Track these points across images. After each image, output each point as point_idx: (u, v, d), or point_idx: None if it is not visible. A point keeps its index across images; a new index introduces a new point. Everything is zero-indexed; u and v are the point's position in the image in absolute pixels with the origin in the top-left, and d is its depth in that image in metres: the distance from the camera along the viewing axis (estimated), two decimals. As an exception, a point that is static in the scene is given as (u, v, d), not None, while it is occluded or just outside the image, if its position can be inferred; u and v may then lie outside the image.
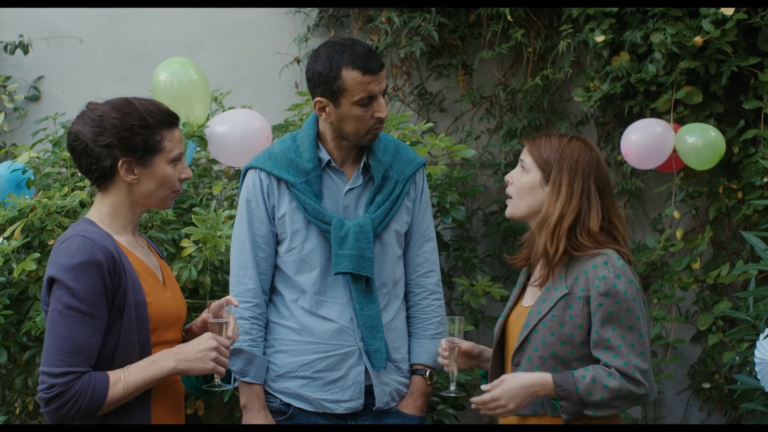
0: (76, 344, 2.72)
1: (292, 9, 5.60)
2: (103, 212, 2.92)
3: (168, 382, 2.90)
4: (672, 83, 4.95)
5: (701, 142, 4.84)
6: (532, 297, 3.16)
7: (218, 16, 5.65)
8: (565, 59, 5.19)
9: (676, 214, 5.15)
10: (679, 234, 5.23)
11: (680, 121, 5.02)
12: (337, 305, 3.50)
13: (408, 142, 4.73)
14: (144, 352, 2.84)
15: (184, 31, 5.64)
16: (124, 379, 2.76)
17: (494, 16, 5.28)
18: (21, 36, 5.60)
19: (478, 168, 5.45)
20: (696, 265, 5.15)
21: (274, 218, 3.51)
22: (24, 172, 4.45)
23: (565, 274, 3.05)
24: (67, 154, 4.33)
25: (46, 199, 4.13)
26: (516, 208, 3.16)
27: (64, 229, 3.98)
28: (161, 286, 2.95)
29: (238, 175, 4.87)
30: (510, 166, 5.43)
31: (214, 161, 4.90)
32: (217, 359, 2.84)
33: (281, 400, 3.52)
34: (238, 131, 4.53)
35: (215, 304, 2.96)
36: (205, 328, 3.01)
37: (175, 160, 2.94)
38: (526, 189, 3.12)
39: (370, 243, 3.45)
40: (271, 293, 3.57)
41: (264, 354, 3.52)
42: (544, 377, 2.97)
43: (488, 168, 5.46)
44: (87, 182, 4.27)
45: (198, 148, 4.62)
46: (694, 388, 5.32)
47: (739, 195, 5.05)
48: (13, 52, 5.59)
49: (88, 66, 5.67)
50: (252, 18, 5.65)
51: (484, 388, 3.01)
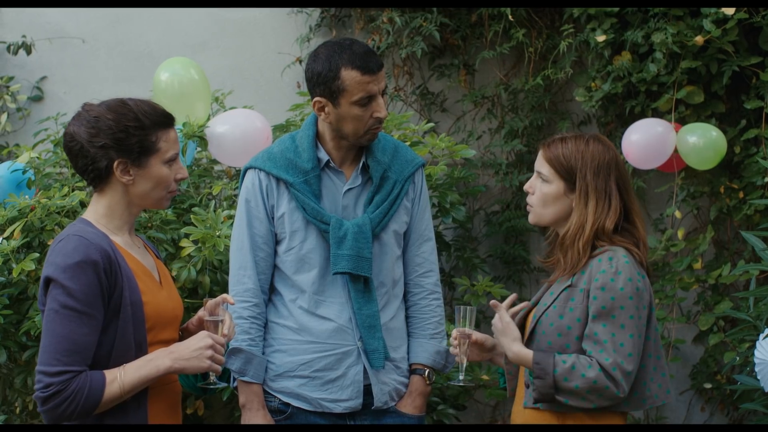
0: (73, 343, 2.72)
1: (294, 9, 5.61)
2: (99, 212, 2.92)
3: (165, 381, 2.90)
4: (673, 83, 4.94)
5: (702, 141, 4.84)
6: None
7: (220, 17, 5.66)
8: (567, 59, 5.18)
9: (678, 214, 5.15)
10: (680, 234, 5.22)
11: (681, 121, 5.01)
12: (336, 305, 3.50)
13: (409, 142, 4.73)
14: (140, 351, 2.84)
15: (187, 31, 5.65)
16: (120, 378, 2.76)
17: (495, 15, 5.28)
18: (24, 36, 5.62)
19: (479, 168, 5.45)
20: (697, 265, 5.14)
21: (273, 218, 3.51)
22: (24, 172, 4.46)
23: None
24: (68, 154, 4.33)
25: (45, 200, 4.13)
26: (540, 217, 3.14)
27: (64, 229, 3.99)
28: (157, 286, 2.96)
29: (239, 175, 4.87)
30: (512, 166, 5.43)
31: (215, 161, 4.90)
32: (212, 357, 2.84)
33: (280, 400, 3.52)
34: (239, 131, 4.53)
35: (211, 302, 2.97)
36: (201, 326, 3.01)
37: (171, 161, 2.94)
38: (550, 199, 3.10)
39: (369, 243, 3.45)
40: (270, 293, 3.57)
41: (263, 353, 3.52)
42: (527, 352, 3.01)
43: (490, 168, 5.46)
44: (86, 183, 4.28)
45: (198, 149, 4.62)
46: (696, 389, 5.31)
47: (741, 195, 5.04)
48: (16, 53, 5.61)
49: (90, 66, 5.69)
50: (254, 18, 5.66)
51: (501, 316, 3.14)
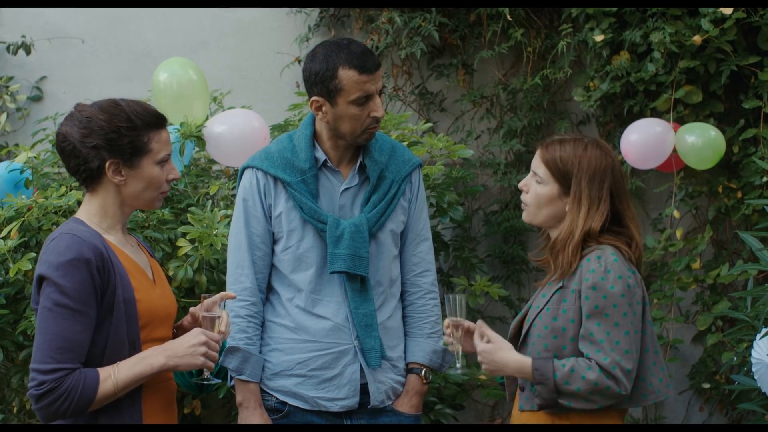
0: (66, 341, 2.73)
1: (293, 9, 5.61)
2: (92, 211, 2.93)
3: (159, 379, 2.91)
4: (672, 83, 4.94)
5: (701, 141, 4.83)
6: None
7: (220, 17, 5.66)
8: (565, 59, 5.18)
9: (676, 214, 5.14)
10: (678, 234, 5.22)
11: (680, 121, 5.01)
12: (333, 303, 3.51)
13: (407, 142, 4.73)
14: (134, 349, 2.85)
15: (186, 31, 5.66)
16: (114, 375, 2.77)
17: (494, 15, 5.28)
18: (23, 36, 5.63)
19: (478, 168, 5.45)
20: (696, 265, 5.14)
21: (270, 217, 3.53)
22: (22, 172, 4.46)
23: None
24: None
25: (43, 199, 4.14)
26: (534, 217, 3.14)
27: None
28: (151, 284, 2.96)
29: (237, 175, 4.88)
30: (510, 165, 5.43)
31: (213, 161, 4.91)
32: (206, 354, 2.85)
33: (277, 398, 3.53)
34: (237, 131, 4.53)
35: (209, 300, 2.97)
36: (195, 324, 3.02)
37: (163, 162, 2.95)
38: (544, 200, 3.10)
39: (366, 242, 3.46)
40: (267, 292, 3.58)
41: (260, 352, 3.53)
42: (524, 361, 2.98)
43: (488, 168, 5.46)
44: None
45: (196, 149, 4.62)
46: (695, 389, 5.31)
47: (739, 194, 5.03)
48: (15, 53, 5.62)
49: (90, 66, 5.69)
50: (253, 18, 5.66)
51: (483, 329, 3.09)
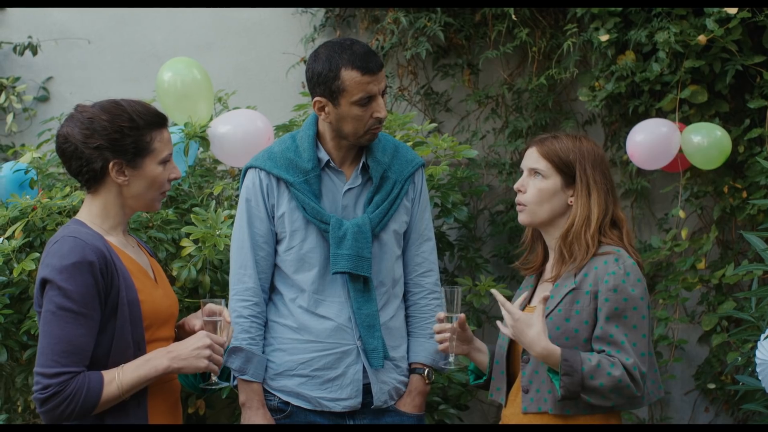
0: (70, 344, 2.74)
1: (299, 9, 5.61)
2: (93, 213, 2.94)
3: (164, 380, 2.91)
4: (677, 82, 4.93)
5: (707, 141, 4.82)
6: (541, 296, 3.15)
7: (225, 17, 5.66)
8: (571, 58, 5.18)
9: (682, 214, 5.13)
10: (684, 234, 5.21)
11: (685, 121, 5.00)
12: (336, 304, 3.51)
13: (412, 142, 4.73)
14: (139, 350, 2.86)
15: (192, 31, 5.66)
16: (118, 378, 2.78)
17: (499, 15, 5.27)
18: (30, 37, 5.64)
19: (483, 168, 5.45)
20: (701, 265, 5.13)
21: (273, 217, 3.53)
22: (26, 172, 4.47)
23: (575, 270, 3.05)
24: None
25: (47, 199, 4.15)
26: (535, 216, 3.12)
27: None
28: (153, 284, 2.97)
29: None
30: (516, 165, 5.42)
31: (218, 161, 4.91)
32: (210, 357, 2.85)
33: (280, 398, 3.53)
34: (240, 131, 4.53)
35: (208, 307, 2.97)
36: (192, 331, 3.03)
37: (165, 161, 2.95)
38: (546, 195, 3.09)
39: (369, 243, 3.46)
40: (270, 292, 3.59)
41: (263, 352, 3.53)
42: (554, 348, 2.92)
43: (494, 168, 5.45)
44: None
45: (201, 149, 4.63)
46: (701, 389, 5.30)
47: (744, 194, 5.02)
48: (22, 53, 5.63)
49: (96, 67, 5.71)
50: (259, 18, 5.67)
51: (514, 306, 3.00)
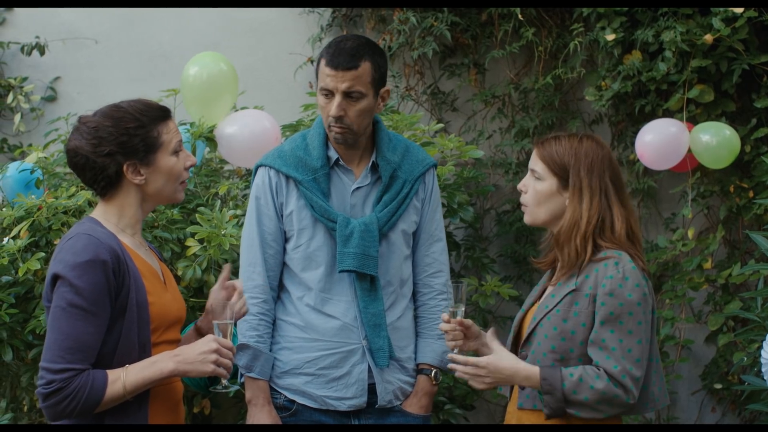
0: (77, 342, 2.73)
1: (306, 9, 5.62)
2: (109, 212, 2.93)
3: (166, 381, 2.90)
4: (684, 82, 4.92)
5: (716, 140, 4.82)
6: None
7: (233, 17, 5.67)
8: (577, 58, 5.17)
9: (688, 214, 5.12)
10: (690, 234, 5.20)
11: (692, 120, 4.99)
12: (342, 303, 3.51)
13: (419, 143, 4.73)
14: (144, 352, 2.85)
15: (199, 31, 5.67)
16: (123, 378, 2.77)
17: (505, 15, 5.27)
18: (37, 37, 5.66)
19: (489, 167, 5.45)
20: (707, 265, 5.12)
21: (282, 215, 3.54)
22: (32, 172, 4.49)
23: (578, 272, 3.04)
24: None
25: (53, 199, 4.16)
26: (535, 216, 3.13)
27: (70, 228, 4.01)
28: (162, 287, 2.97)
29: (250, 175, 4.89)
30: (522, 165, 5.42)
31: (225, 161, 4.92)
32: (217, 361, 2.83)
33: (286, 396, 3.54)
34: (247, 132, 4.54)
35: (215, 305, 2.97)
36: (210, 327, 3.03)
37: (177, 150, 2.95)
38: (543, 197, 3.09)
39: (375, 241, 3.46)
40: (279, 290, 3.59)
41: (271, 350, 3.54)
42: (531, 369, 2.95)
43: (500, 167, 5.45)
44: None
45: (208, 150, 4.64)
46: (708, 389, 5.29)
47: (751, 194, 5.01)
48: (29, 53, 5.65)
49: (104, 67, 5.72)
50: (266, 18, 5.67)
51: (488, 341, 3.02)
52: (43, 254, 3.96)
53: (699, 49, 4.84)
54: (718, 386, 5.16)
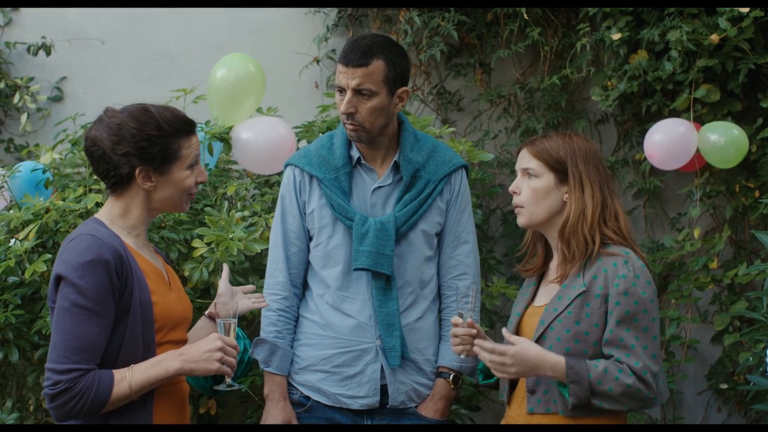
0: (82, 342, 2.75)
1: (312, 9, 5.62)
2: (114, 213, 2.95)
3: (171, 382, 2.92)
4: (690, 81, 4.91)
5: (724, 140, 4.81)
6: (546, 296, 3.15)
7: (238, 17, 5.67)
8: (583, 58, 5.17)
9: (696, 214, 5.11)
10: (696, 233, 5.19)
11: (698, 120, 4.98)
12: (358, 301, 3.53)
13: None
14: (148, 351, 2.86)
15: (205, 31, 5.67)
16: (128, 377, 2.79)
17: (511, 14, 5.27)
18: (43, 37, 5.66)
19: (495, 167, 5.45)
20: (713, 265, 5.11)
21: (305, 214, 3.57)
22: (44, 172, 4.48)
23: (582, 272, 3.04)
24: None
25: (60, 201, 4.16)
26: (533, 216, 3.12)
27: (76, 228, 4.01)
28: (167, 287, 2.98)
29: (260, 177, 4.90)
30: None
31: (233, 162, 4.91)
32: (222, 360, 2.85)
33: (301, 392, 3.57)
34: (262, 138, 4.51)
35: (219, 303, 2.99)
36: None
37: (192, 166, 2.97)
38: (541, 193, 3.10)
39: (391, 241, 3.46)
40: (303, 288, 3.62)
41: (291, 347, 3.57)
42: (557, 358, 2.94)
43: (506, 167, 5.44)
44: (103, 184, 4.30)
45: (221, 151, 4.64)
46: (714, 389, 5.28)
47: (757, 194, 5.00)
48: (36, 54, 5.65)
49: (110, 67, 5.72)
50: (272, 18, 5.67)
51: (506, 335, 2.97)
52: (49, 256, 3.96)
53: (705, 49, 4.83)
54: (724, 386, 5.16)
